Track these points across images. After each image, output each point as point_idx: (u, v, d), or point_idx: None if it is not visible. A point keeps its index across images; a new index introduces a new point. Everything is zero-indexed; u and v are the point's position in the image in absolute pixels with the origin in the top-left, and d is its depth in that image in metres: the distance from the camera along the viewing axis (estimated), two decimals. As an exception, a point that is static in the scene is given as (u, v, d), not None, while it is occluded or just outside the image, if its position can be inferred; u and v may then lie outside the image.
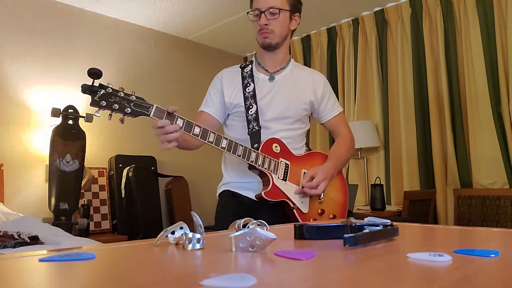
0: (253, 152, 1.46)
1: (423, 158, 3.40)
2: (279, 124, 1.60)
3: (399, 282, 0.38)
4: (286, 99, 1.61)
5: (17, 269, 0.46)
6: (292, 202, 1.51)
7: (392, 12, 3.70)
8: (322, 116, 1.73)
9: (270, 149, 1.51)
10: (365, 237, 0.59)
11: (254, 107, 1.57)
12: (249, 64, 1.69)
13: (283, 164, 1.52)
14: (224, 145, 1.40)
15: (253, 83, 1.61)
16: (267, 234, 0.55)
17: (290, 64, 1.70)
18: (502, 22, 3.09)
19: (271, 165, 1.49)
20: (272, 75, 1.65)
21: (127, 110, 1.27)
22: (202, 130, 1.37)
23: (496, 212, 2.88)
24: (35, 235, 2.01)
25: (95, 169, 3.62)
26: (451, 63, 3.31)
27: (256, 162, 1.46)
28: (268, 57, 1.65)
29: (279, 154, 1.53)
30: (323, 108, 1.71)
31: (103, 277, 0.42)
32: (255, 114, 1.57)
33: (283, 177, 1.51)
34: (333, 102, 1.74)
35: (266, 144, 1.51)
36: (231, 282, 0.36)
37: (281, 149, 1.54)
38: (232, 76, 1.67)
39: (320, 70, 4.20)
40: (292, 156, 1.57)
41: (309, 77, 1.70)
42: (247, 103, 1.58)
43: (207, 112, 1.65)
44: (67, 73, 3.58)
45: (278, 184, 1.49)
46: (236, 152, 1.42)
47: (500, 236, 0.69)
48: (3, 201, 3.07)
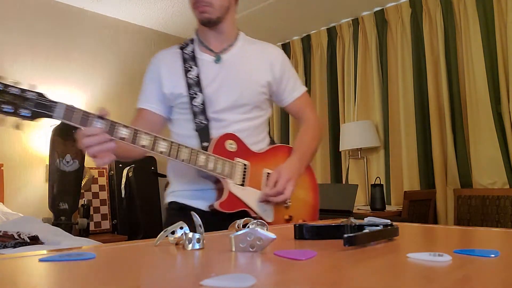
0: (202, 155, 1.20)
1: (423, 158, 3.40)
2: (233, 114, 1.33)
3: (399, 282, 0.38)
4: (239, 83, 1.34)
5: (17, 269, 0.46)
6: (253, 212, 1.26)
7: (392, 12, 3.70)
8: (283, 98, 1.45)
9: (223, 148, 1.25)
10: (365, 237, 0.59)
11: (199, 96, 1.31)
12: (190, 43, 1.41)
13: (240, 166, 1.26)
14: (163, 149, 1.14)
15: (196, 66, 1.34)
16: (267, 234, 0.55)
17: (239, 39, 1.41)
18: (502, 22, 3.09)
19: (225, 168, 1.23)
20: (218, 55, 1.36)
21: (21, 112, 1.01)
22: (133, 132, 1.11)
23: (496, 212, 2.88)
24: (35, 235, 2.01)
25: (95, 169, 3.62)
26: (451, 63, 3.31)
27: (206, 166, 1.20)
28: (211, 35, 1.37)
29: (235, 153, 1.27)
30: (283, 89, 1.43)
31: (103, 277, 0.42)
32: (201, 105, 1.30)
33: (241, 181, 1.25)
34: (294, 80, 1.46)
35: (218, 143, 1.25)
36: (231, 282, 0.36)
37: (237, 146, 1.28)
38: (170, 60, 1.39)
39: (320, 70, 4.20)
40: (251, 154, 1.31)
41: (263, 53, 1.42)
42: (191, 91, 1.31)
43: (147, 109, 1.37)
44: (67, 73, 3.58)
45: (235, 191, 1.24)
46: (179, 157, 1.16)
47: (500, 236, 0.69)
48: (3, 201, 3.07)
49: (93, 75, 3.76)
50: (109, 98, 3.79)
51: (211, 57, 1.36)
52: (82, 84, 3.66)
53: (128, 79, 3.93)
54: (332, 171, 4.03)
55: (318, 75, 4.22)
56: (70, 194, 3.09)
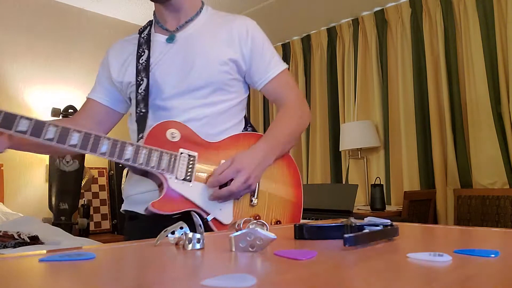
0: (129, 146, 0.99)
1: (423, 158, 3.40)
2: (188, 100, 1.13)
3: (399, 282, 0.38)
4: (191, 63, 1.13)
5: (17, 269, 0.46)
6: (203, 211, 1.03)
7: (392, 12, 3.70)
8: (256, 80, 1.20)
9: (163, 139, 1.04)
10: (365, 237, 0.59)
11: (144, 81, 1.13)
12: (148, 25, 1.25)
13: (184, 157, 1.04)
14: (74, 141, 0.96)
15: (148, 50, 1.17)
16: (267, 234, 0.55)
17: (201, 14, 1.21)
18: (502, 22, 3.09)
19: (162, 161, 1.01)
20: (173, 34, 1.17)
21: None
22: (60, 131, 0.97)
23: (496, 212, 2.88)
24: (35, 235, 2.01)
25: (95, 169, 3.62)
26: (451, 63, 3.31)
27: (135, 160, 0.99)
28: (165, 10, 1.19)
29: (179, 144, 1.05)
30: (255, 69, 1.19)
31: (103, 277, 0.42)
32: (144, 92, 1.12)
33: (186, 175, 1.03)
34: (270, 57, 1.20)
35: (155, 132, 1.05)
36: (231, 282, 0.36)
37: (182, 135, 1.06)
38: (124, 46, 1.24)
39: (320, 70, 4.20)
40: (203, 144, 1.09)
41: (228, 27, 1.19)
42: (138, 78, 1.14)
43: (94, 99, 1.25)
44: (67, 73, 3.58)
45: (178, 187, 1.01)
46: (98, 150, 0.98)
47: (500, 236, 0.69)
48: (3, 201, 3.07)
49: (93, 75, 3.76)
50: None
51: (165, 37, 1.19)
52: (82, 84, 3.66)
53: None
54: (332, 171, 4.02)
55: (318, 75, 4.22)
56: (70, 194, 3.10)
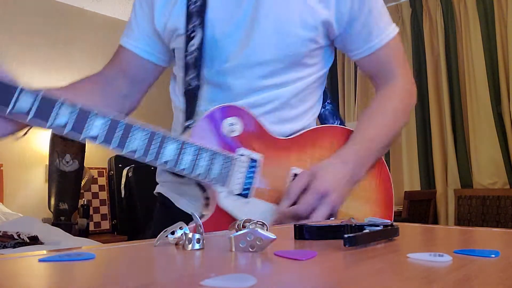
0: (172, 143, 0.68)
1: (423, 158, 3.40)
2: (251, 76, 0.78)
3: (399, 282, 0.38)
4: (269, 23, 0.76)
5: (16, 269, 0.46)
6: None
7: (392, 11, 3.70)
8: (354, 48, 0.84)
9: (217, 132, 0.73)
10: (365, 237, 0.59)
11: (197, 34, 0.77)
12: None
13: (243, 162, 0.73)
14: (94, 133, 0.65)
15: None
16: (267, 234, 0.55)
17: None
18: (503, 21, 3.09)
19: (213, 167, 0.70)
20: None
21: None
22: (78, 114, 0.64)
23: (497, 212, 2.88)
24: (35, 235, 2.01)
25: (94, 169, 3.62)
26: (451, 63, 3.31)
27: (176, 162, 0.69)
28: None
29: (239, 140, 0.73)
30: (357, 33, 0.82)
31: (103, 277, 0.42)
32: (197, 51, 0.77)
33: (242, 189, 0.72)
34: (378, 16, 0.86)
35: (207, 123, 0.72)
36: (231, 282, 0.36)
37: (244, 128, 0.74)
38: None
39: (320, 70, 4.19)
40: (270, 142, 0.76)
41: None
42: (189, 26, 0.77)
43: (129, 49, 0.91)
44: (67, 73, 3.58)
45: (229, 204, 0.72)
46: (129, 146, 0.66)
47: (500, 236, 0.69)
48: (2, 201, 3.07)
49: (93, 75, 3.77)
50: None
51: None
52: (82, 84, 3.66)
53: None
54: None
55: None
56: (69, 194, 3.10)
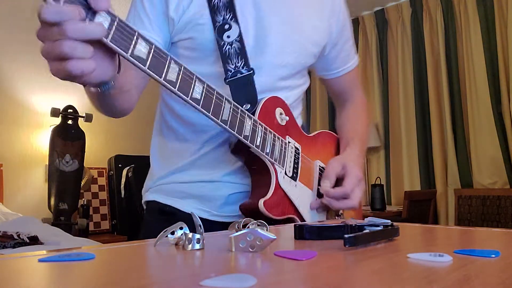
0: (249, 119, 0.73)
1: (423, 158, 3.40)
2: (273, 76, 0.85)
3: (399, 282, 0.38)
4: (289, 29, 0.84)
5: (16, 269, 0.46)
6: (302, 220, 0.83)
7: (393, 11, 3.69)
8: (332, 68, 0.98)
9: (273, 119, 0.79)
10: (365, 237, 0.59)
11: (234, 28, 0.78)
12: None
13: (292, 149, 0.81)
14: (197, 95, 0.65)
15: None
16: (267, 234, 0.55)
17: None
18: (503, 21, 3.09)
19: (275, 149, 0.76)
20: None
21: None
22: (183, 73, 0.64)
23: (497, 212, 2.88)
24: (35, 235, 2.01)
25: (94, 169, 3.62)
26: (451, 63, 3.31)
27: (253, 138, 0.72)
28: None
29: (285, 130, 0.81)
30: (335, 55, 0.96)
31: (103, 277, 0.42)
32: (238, 43, 0.78)
33: (293, 173, 0.80)
34: (351, 46, 1.06)
35: (266, 109, 0.78)
36: (231, 282, 0.36)
37: (289, 119, 0.82)
38: None
39: (320, 70, 4.20)
40: (301, 135, 0.87)
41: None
42: (217, 17, 0.78)
43: None
44: (67, 73, 3.58)
45: (285, 185, 0.78)
46: (216, 113, 0.67)
47: (500, 236, 0.69)
48: (2, 201, 3.07)
49: (93, 75, 3.77)
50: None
51: None
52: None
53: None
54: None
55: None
56: (69, 194, 3.09)
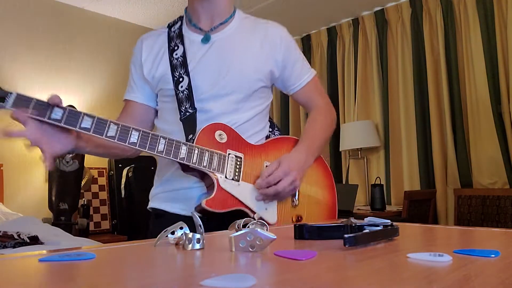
0: (183, 145, 1.01)
1: (423, 158, 3.40)
2: (221, 104, 1.13)
3: (399, 282, 0.38)
4: (227, 68, 1.13)
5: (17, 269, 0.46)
6: (250, 210, 1.06)
7: (392, 12, 3.69)
8: (288, 86, 1.26)
9: (212, 139, 1.07)
10: (365, 237, 0.59)
11: (185, 79, 1.11)
12: (178, 20, 1.26)
13: (232, 158, 1.08)
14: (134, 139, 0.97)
15: (182, 45, 1.16)
16: (267, 234, 0.55)
17: (234, 17, 1.21)
18: (503, 22, 3.09)
19: (213, 161, 1.04)
20: (208, 34, 1.17)
21: None
22: (120, 129, 0.95)
23: (497, 212, 2.88)
24: (35, 235, 2.01)
25: (95, 169, 3.62)
26: (451, 63, 3.31)
27: (189, 159, 1.01)
28: (201, 9, 1.18)
29: (226, 145, 1.08)
30: (289, 75, 1.25)
31: (103, 277, 0.42)
32: (186, 90, 1.11)
33: (234, 175, 1.06)
34: (302, 64, 1.29)
35: (204, 133, 1.06)
36: (231, 282, 0.36)
37: (228, 137, 1.09)
38: (154, 40, 1.22)
39: (320, 70, 4.20)
40: (247, 146, 1.12)
41: (263, 33, 1.21)
42: (175, 74, 1.12)
43: (134, 101, 1.22)
44: (67, 73, 3.58)
45: (227, 186, 1.04)
46: (156, 149, 0.99)
47: (500, 236, 0.69)
48: (3, 201, 3.07)
49: (93, 74, 3.76)
50: (109, 98, 3.79)
51: (199, 36, 1.18)
52: (82, 84, 3.66)
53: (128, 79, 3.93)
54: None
55: (318, 75, 4.21)
56: (69, 194, 3.09)
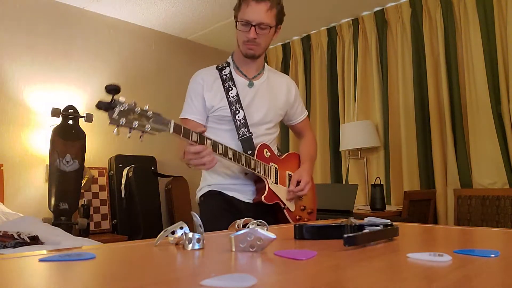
0: (251, 160, 1.53)
1: (423, 158, 3.40)
2: (261, 129, 1.66)
3: (399, 282, 0.38)
4: (266, 105, 1.67)
5: (17, 269, 0.46)
6: (283, 203, 1.62)
7: (392, 12, 3.69)
8: (292, 119, 1.83)
9: (263, 155, 1.60)
10: (365, 237, 0.59)
11: (241, 112, 1.60)
12: (227, 66, 1.69)
13: (273, 169, 1.62)
14: (231, 156, 1.47)
15: (235, 87, 1.63)
16: (267, 234, 0.55)
17: (265, 69, 1.73)
18: (502, 22, 3.09)
19: (265, 171, 1.58)
20: (251, 81, 1.67)
21: (147, 127, 1.23)
22: (213, 143, 1.41)
23: (496, 212, 2.88)
24: (35, 235, 2.01)
25: (95, 169, 3.62)
26: (451, 63, 3.31)
27: (255, 168, 1.55)
28: (247, 64, 1.67)
29: (269, 159, 1.62)
30: (294, 112, 1.81)
31: (103, 277, 0.42)
32: (243, 120, 1.60)
33: (275, 180, 1.62)
34: (302, 106, 1.85)
35: (260, 151, 1.59)
36: (231, 282, 0.36)
37: (270, 153, 1.64)
38: (210, 78, 1.66)
39: (320, 70, 4.20)
40: (278, 159, 1.67)
41: (283, 83, 1.77)
42: (232, 107, 1.60)
43: (193, 120, 1.64)
44: (67, 73, 3.58)
45: (273, 187, 1.59)
46: (240, 162, 1.49)
47: (500, 236, 0.69)
48: (3, 201, 3.07)
49: (93, 75, 3.76)
50: (109, 98, 3.78)
51: (246, 81, 1.66)
52: (82, 84, 3.66)
53: (128, 79, 3.93)
54: (332, 171, 4.02)
55: (318, 75, 4.22)
56: (70, 194, 3.09)
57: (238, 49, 1.64)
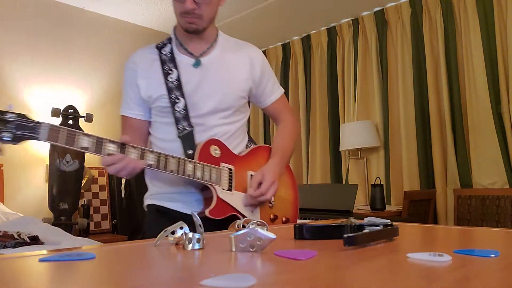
0: (189, 163, 1.19)
1: (423, 158, 3.40)
2: (214, 118, 1.31)
3: (399, 282, 0.38)
4: (220, 88, 1.31)
5: (17, 269, 0.46)
6: (241, 215, 1.25)
7: (392, 12, 3.69)
8: (261, 100, 1.44)
9: (209, 155, 1.25)
10: (365, 237, 0.59)
11: (181, 101, 1.27)
12: (167, 43, 1.36)
13: (226, 171, 1.26)
14: (151, 161, 1.15)
15: (176, 69, 1.29)
16: (267, 234, 0.55)
17: (218, 40, 1.37)
18: (502, 22, 3.09)
19: (212, 175, 1.22)
20: (198, 59, 1.32)
21: (4, 136, 0.95)
22: (119, 147, 1.11)
23: (496, 212, 2.88)
24: (35, 235, 2.01)
25: (95, 169, 3.62)
26: (451, 63, 3.31)
27: (194, 175, 1.19)
28: (192, 39, 1.32)
29: (220, 159, 1.27)
30: (262, 91, 1.42)
31: (103, 277, 0.42)
32: (184, 111, 1.27)
33: (228, 186, 1.25)
34: (273, 83, 1.45)
35: (203, 149, 1.24)
36: (231, 282, 0.36)
37: (221, 151, 1.28)
38: (146, 61, 1.33)
39: (320, 70, 4.20)
40: (234, 158, 1.31)
41: (244, 56, 1.38)
42: (172, 95, 1.27)
43: (132, 117, 1.35)
44: (67, 73, 3.58)
45: (224, 196, 1.23)
46: (167, 168, 1.16)
47: (500, 236, 0.69)
48: (3, 201, 3.07)
49: (93, 75, 3.76)
50: (109, 98, 3.79)
51: (191, 60, 1.32)
52: (82, 84, 3.66)
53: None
54: (332, 171, 4.02)
55: (318, 75, 4.22)
56: (70, 194, 3.10)
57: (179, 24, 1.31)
